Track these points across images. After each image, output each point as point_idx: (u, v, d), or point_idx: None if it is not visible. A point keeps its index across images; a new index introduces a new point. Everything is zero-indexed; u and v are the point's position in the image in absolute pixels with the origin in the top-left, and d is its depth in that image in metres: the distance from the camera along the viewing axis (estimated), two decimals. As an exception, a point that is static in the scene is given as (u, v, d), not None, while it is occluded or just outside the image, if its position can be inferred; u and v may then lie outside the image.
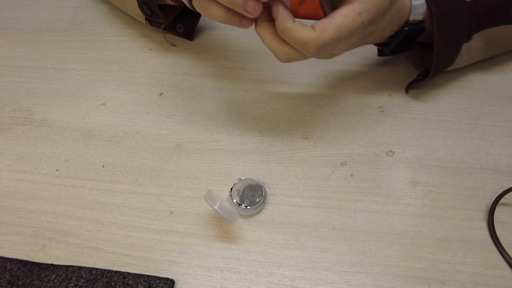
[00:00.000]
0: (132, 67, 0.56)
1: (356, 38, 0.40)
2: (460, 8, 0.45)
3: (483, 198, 0.42)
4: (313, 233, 0.40)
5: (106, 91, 0.53)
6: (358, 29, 0.38)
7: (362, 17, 0.37)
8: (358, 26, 0.38)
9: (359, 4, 0.37)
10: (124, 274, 0.37)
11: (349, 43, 0.40)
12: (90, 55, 0.58)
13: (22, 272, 0.37)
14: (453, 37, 0.46)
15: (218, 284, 0.37)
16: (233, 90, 0.53)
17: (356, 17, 0.37)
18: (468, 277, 0.37)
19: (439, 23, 0.44)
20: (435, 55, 0.46)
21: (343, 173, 0.44)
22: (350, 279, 0.37)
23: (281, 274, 0.37)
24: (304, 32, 0.36)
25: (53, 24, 0.63)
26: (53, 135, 0.49)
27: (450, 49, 0.47)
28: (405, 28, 0.44)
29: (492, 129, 0.48)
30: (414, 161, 0.45)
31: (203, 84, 0.54)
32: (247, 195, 0.41)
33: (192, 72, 0.55)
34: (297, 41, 0.37)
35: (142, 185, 0.44)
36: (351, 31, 0.38)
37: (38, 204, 0.42)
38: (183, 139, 0.48)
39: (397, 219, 0.41)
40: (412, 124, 0.49)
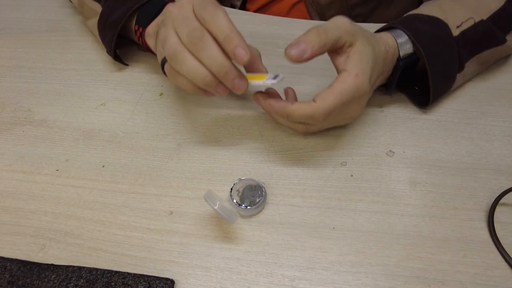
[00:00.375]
0: (132, 67, 0.56)
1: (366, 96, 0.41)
2: (448, 44, 0.46)
3: (483, 198, 0.42)
4: (313, 233, 0.40)
5: (106, 91, 0.53)
6: (362, 88, 0.39)
7: (360, 77, 0.39)
8: (360, 86, 0.39)
9: (353, 67, 0.39)
10: (124, 274, 0.37)
11: (361, 102, 0.42)
12: (90, 55, 0.58)
13: (22, 272, 0.37)
14: (446, 71, 0.47)
15: (218, 284, 0.37)
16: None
17: (355, 79, 0.39)
18: (468, 277, 0.37)
19: (430, 62, 0.45)
20: (432, 89, 0.46)
21: (343, 173, 0.44)
22: (350, 279, 0.37)
23: (281, 274, 0.37)
24: (306, 107, 0.39)
25: (53, 24, 0.63)
26: (53, 135, 0.49)
27: (444, 81, 0.48)
28: (400, 64, 0.45)
29: (492, 129, 0.48)
30: (414, 161, 0.45)
31: (203, 84, 0.54)
32: (247, 195, 0.41)
33: (192, 72, 0.55)
34: (303, 117, 0.40)
35: (142, 185, 0.44)
36: (355, 93, 0.39)
37: (38, 204, 0.42)
38: (183, 139, 0.48)
39: (397, 219, 0.41)
40: (412, 124, 0.49)
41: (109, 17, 0.51)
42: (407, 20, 0.47)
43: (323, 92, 0.39)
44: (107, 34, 0.52)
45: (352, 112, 0.43)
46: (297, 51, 0.37)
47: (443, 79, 0.47)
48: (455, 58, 0.46)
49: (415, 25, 0.46)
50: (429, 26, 0.46)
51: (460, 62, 0.47)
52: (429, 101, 0.48)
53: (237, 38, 0.35)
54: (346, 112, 0.42)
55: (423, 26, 0.46)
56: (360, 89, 0.39)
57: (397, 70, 0.46)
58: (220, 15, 0.36)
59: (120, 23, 0.49)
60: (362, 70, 0.39)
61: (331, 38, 0.38)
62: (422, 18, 0.47)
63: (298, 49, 0.37)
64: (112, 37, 0.51)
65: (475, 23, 0.47)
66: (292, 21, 0.62)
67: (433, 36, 0.45)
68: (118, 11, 0.50)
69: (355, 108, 0.42)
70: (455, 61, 0.47)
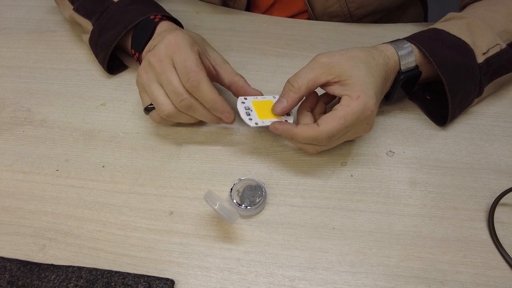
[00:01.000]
0: (132, 68, 0.56)
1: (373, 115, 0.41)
2: (472, 73, 0.45)
3: (483, 198, 0.42)
4: (313, 233, 0.40)
5: (106, 91, 0.53)
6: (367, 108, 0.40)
7: (362, 98, 0.39)
8: (365, 108, 0.39)
9: (353, 90, 0.40)
10: (124, 274, 0.37)
11: (369, 122, 0.42)
12: (90, 55, 0.58)
13: (22, 272, 0.37)
14: (465, 98, 0.46)
15: (218, 284, 0.37)
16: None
17: (358, 102, 0.39)
18: (468, 277, 0.37)
19: (451, 92, 0.44)
20: (450, 115, 0.46)
21: (343, 173, 0.44)
22: (350, 279, 0.37)
23: (281, 275, 0.37)
24: (309, 130, 0.40)
25: (53, 24, 0.63)
26: (53, 135, 0.49)
27: (462, 106, 0.47)
28: (400, 77, 0.45)
29: (492, 129, 0.48)
30: (414, 161, 0.45)
31: (203, 84, 0.54)
32: (247, 195, 0.41)
33: (192, 72, 0.55)
34: (307, 140, 0.40)
35: (142, 186, 0.44)
36: (361, 115, 0.40)
37: (38, 204, 0.42)
38: (183, 139, 0.48)
39: (397, 219, 0.41)
40: (412, 124, 0.49)
41: (99, 38, 0.52)
42: (433, 41, 0.46)
43: (326, 115, 0.40)
44: (99, 53, 0.53)
45: (361, 132, 0.43)
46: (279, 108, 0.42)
47: (461, 105, 0.47)
48: (476, 85, 0.46)
49: (441, 51, 0.44)
50: (455, 53, 0.45)
51: (480, 87, 0.46)
52: (445, 122, 0.47)
53: (221, 105, 0.42)
54: (355, 132, 0.42)
55: (449, 53, 0.44)
56: (366, 110, 0.40)
57: (397, 83, 0.45)
58: (203, 87, 0.40)
59: (112, 45, 0.50)
60: (363, 92, 0.40)
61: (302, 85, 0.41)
62: (449, 42, 0.45)
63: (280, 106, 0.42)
64: (105, 57, 0.52)
65: (500, 50, 0.46)
66: (292, 21, 0.62)
67: (458, 65, 0.44)
68: (109, 33, 0.51)
69: (364, 128, 0.42)
70: (476, 87, 0.46)
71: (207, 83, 0.41)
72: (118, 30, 0.50)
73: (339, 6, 0.60)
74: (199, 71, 0.40)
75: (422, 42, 0.45)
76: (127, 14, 0.50)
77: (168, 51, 0.41)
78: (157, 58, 0.41)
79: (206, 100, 0.41)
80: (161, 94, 0.42)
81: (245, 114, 0.42)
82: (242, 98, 0.44)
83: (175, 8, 0.64)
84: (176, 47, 0.41)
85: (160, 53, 0.41)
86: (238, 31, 0.60)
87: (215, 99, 0.41)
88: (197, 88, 0.40)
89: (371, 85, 0.40)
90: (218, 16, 0.63)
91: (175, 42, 0.41)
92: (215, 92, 0.41)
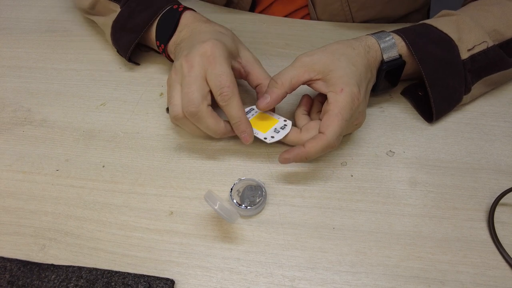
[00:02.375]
0: (132, 67, 0.56)
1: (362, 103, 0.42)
2: (454, 68, 0.46)
3: (483, 198, 0.42)
4: (313, 233, 0.40)
5: (106, 91, 0.53)
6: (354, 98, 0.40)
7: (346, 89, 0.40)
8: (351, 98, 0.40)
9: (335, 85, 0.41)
10: (124, 274, 0.37)
11: (360, 110, 0.42)
12: (91, 56, 0.58)
13: (22, 272, 0.37)
14: (450, 94, 0.47)
15: (218, 284, 0.37)
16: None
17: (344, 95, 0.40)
18: (468, 277, 0.37)
19: (432, 85, 0.45)
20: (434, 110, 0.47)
21: (343, 173, 0.44)
22: (350, 279, 0.37)
23: (281, 275, 0.37)
24: (318, 142, 0.40)
25: (54, 24, 0.63)
26: (53, 135, 0.49)
27: (448, 102, 0.48)
28: (383, 67, 0.45)
29: (492, 129, 0.48)
30: (414, 161, 0.45)
31: (203, 84, 0.54)
32: (247, 195, 0.41)
33: (192, 72, 0.55)
34: (321, 151, 0.40)
35: (142, 185, 0.44)
36: (352, 106, 0.40)
37: (38, 204, 0.42)
38: (183, 139, 0.48)
39: (397, 219, 0.41)
40: (412, 124, 0.49)
41: (128, 20, 0.52)
42: (419, 34, 0.46)
43: (324, 120, 0.40)
44: (123, 36, 0.52)
45: (356, 121, 0.43)
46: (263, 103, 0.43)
47: (447, 101, 0.47)
48: (462, 81, 0.46)
49: (425, 45, 0.45)
50: (439, 48, 0.45)
51: (466, 84, 0.47)
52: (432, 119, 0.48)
53: (244, 125, 0.42)
54: (352, 123, 0.43)
55: (432, 47, 0.45)
56: (354, 100, 0.40)
57: (381, 73, 0.46)
58: (233, 103, 0.41)
59: (143, 29, 0.50)
60: (344, 83, 0.40)
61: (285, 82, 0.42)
62: (434, 37, 0.46)
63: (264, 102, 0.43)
64: (132, 42, 0.51)
65: (487, 48, 0.46)
66: (292, 21, 0.62)
67: (440, 60, 0.45)
68: (139, 17, 0.50)
69: (357, 117, 0.43)
70: (462, 84, 0.46)
71: (238, 99, 0.41)
72: (149, 15, 0.50)
73: (340, 5, 0.60)
74: (233, 87, 0.41)
75: (408, 35, 0.46)
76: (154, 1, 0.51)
77: (203, 61, 0.41)
78: (190, 63, 0.41)
79: (233, 116, 0.42)
80: (176, 95, 0.42)
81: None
82: (249, 108, 0.46)
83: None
84: (212, 59, 0.41)
85: (193, 60, 0.41)
86: (238, 31, 0.60)
87: (241, 117, 0.42)
88: (228, 102, 0.41)
89: (352, 75, 0.41)
90: (218, 16, 0.63)
91: (211, 53, 0.41)
92: (243, 110, 0.42)
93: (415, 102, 0.50)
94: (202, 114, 0.41)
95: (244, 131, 0.43)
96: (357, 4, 0.60)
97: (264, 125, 0.45)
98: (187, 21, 0.48)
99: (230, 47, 0.45)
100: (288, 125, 0.45)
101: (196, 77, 0.41)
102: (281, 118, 0.46)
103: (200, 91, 0.41)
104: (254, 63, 0.47)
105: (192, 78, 0.41)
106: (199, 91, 0.40)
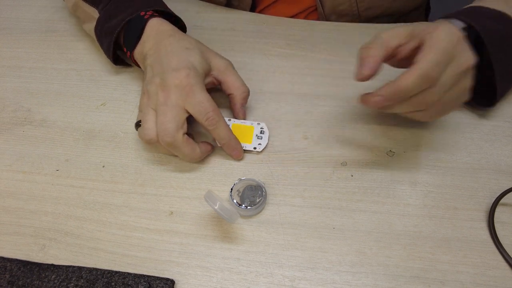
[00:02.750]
0: (132, 68, 0.56)
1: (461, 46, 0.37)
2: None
3: (483, 198, 0.42)
4: (313, 233, 0.40)
5: (106, 91, 0.53)
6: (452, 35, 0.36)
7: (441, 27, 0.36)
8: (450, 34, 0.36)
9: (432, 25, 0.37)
10: (124, 274, 0.37)
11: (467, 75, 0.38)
12: (90, 55, 0.58)
13: (22, 272, 0.37)
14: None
15: (218, 284, 0.37)
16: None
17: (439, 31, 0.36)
18: (469, 277, 0.37)
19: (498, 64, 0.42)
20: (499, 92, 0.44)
21: (343, 173, 0.44)
22: (350, 279, 0.37)
23: (281, 275, 0.37)
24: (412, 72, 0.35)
25: (54, 24, 0.63)
26: (53, 135, 0.49)
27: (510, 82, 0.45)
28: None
29: (492, 129, 0.48)
30: (414, 161, 0.45)
31: (203, 84, 0.54)
32: (247, 195, 0.41)
33: (192, 72, 0.55)
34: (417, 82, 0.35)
35: (142, 185, 0.44)
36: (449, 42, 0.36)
37: (38, 204, 0.42)
38: (183, 139, 0.48)
39: (397, 219, 0.41)
40: (413, 124, 0.49)
41: (105, 24, 0.51)
42: (473, 13, 0.43)
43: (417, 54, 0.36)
44: (104, 40, 0.52)
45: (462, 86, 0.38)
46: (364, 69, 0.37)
47: (509, 81, 0.45)
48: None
49: (483, 21, 0.42)
50: (497, 24, 0.42)
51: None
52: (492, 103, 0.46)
53: (234, 143, 0.44)
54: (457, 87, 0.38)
55: (491, 23, 0.42)
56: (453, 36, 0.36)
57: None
58: (221, 126, 0.43)
59: (114, 33, 0.49)
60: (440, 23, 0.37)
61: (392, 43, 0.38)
62: (489, 13, 0.43)
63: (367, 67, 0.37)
64: (110, 44, 0.51)
65: None
66: (293, 21, 0.62)
67: (503, 36, 0.42)
68: (114, 20, 0.50)
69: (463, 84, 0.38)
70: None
71: (223, 122, 0.43)
72: (123, 17, 0.49)
73: (349, 5, 0.60)
74: (217, 110, 0.42)
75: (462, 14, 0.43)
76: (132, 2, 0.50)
77: (180, 91, 0.41)
78: (166, 93, 0.42)
79: (223, 137, 0.43)
80: (150, 120, 0.42)
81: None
82: (226, 119, 0.46)
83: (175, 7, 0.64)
84: (189, 89, 0.41)
85: (169, 91, 0.42)
86: (238, 31, 0.60)
87: (230, 137, 0.44)
88: (216, 126, 0.42)
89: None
90: (219, 15, 0.63)
91: (187, 83, 0.42)
92: (230, 130, 0.44)
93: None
94: (177, 143, 0.41)
95: (235, 148, 0.44)
96: (365, 3, 0.60)
97: (245, 135, 0.46)
98: (151, 31, 0.48)
99: (202, 67, 0.44)
100: (264, 127, 0.47)
101: (172, 106, 0.41)
102: (254, 123, 0.47)
103: (176, 121, 0.41)
104: (226, 70, 0.47)
105: (168, 107, 0.41)
106: (175, 121, 0.41)
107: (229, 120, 0.47)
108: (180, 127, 0.41)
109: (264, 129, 0.47)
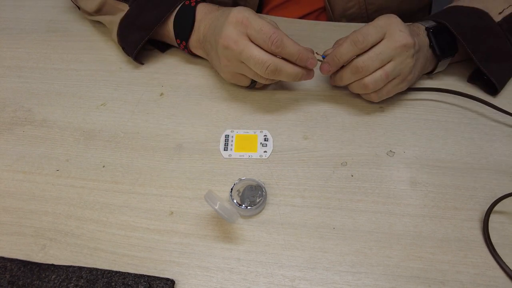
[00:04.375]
0: (132, 68, 0.56)
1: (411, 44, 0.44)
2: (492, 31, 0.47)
3: (483, 198, 0.42)
4: (314, 233, 0.40)
5: (106, 91, 0.53)
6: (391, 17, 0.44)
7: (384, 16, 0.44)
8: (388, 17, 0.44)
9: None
10: (124, 274, 0.37)
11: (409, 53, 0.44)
12: (91, 56, 0.58)
13: (23, 272, 0.37)
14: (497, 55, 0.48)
15: (218, 284, 0.37)
16: (234, 91, 0.53)
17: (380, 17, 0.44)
18: (469, 278, 0.37)
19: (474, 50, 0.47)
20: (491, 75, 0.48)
21: (344, 173, 0.44)
22: (350, 279, 0.37)
23: (282, 275, 0.37)
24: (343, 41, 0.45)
25: (54, 24, 0.63)
26: (53, 135, 0.49)
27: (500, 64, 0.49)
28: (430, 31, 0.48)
29: (492, 129, 0.48)
30: (414, 161, 0.45)
31: (203, 84, 0.54)
32: (248, 195, 0.41)
33: (192, 72, 0.55)
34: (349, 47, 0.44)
35: (142, 186, 0.44)
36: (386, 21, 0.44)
37: (39, 205, 0.43)
38: (183, 139, 0.48)
39: (397, 219, 0.41)
40: (413, 124, 0.49)
41: (137, 18, 0.52)
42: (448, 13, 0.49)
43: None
44: (131, 34, 0.52)
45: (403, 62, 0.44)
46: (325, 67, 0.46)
47: (498, 63, 0.48)
48: (504, 41, 0.48)
49: (457, 18, 0.48)
50: (470, 19, 0.48)
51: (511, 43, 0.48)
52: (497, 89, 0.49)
53: (306, 53, 0.43)
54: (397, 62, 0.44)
55: (465, 19, 0.47)
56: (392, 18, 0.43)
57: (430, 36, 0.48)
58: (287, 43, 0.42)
59: (153, 27, 0.50)
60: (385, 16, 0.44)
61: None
62: (463, 11, 0.49)
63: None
64: (141, 39, 0.51)
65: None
66: (293, 21, 0.62)
67: (475, 27, 0.47)
68: (150, 14, 0.50)
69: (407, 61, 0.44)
70: (505, 44, 0.48)
71: (288, 38, 0.43)
72: (161, 12, 0.50)
73: (358, 8, 0.60)
74: (278, 31, 0.42)
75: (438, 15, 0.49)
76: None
77: (240, 29, 0.43)
78: (232, 40, 0.43)
79: (293, 53, 0.43)
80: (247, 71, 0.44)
81: (223, 144, 0.46)
82: (229, 130, 0.47)
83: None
84: (245, 21, 0.42)
85: (232, 34, 0.43)
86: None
87: (300, 49, 0.43)
88: (282, 45, 0.42)
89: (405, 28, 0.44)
90: (218, 16, 0.63)
91: (242, 17, 0.43)
92: (297, 44, 0.43)
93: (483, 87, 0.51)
94: (279, 65, 0.43)
95: (308, 58, 0.44)
96: (374, 6, 0.61)
97: (250, 145, 0.46)
98: (202, 16, 0.49)
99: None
100: (267, 134, 0.47)
101: (248, 45, 0.42)
102: (257, 131, 0.48)
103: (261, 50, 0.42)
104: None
105: (246, 49, 0.42)
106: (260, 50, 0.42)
107: (231, 132, 0.48)
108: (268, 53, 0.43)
109: (267, 136, 0.47)
